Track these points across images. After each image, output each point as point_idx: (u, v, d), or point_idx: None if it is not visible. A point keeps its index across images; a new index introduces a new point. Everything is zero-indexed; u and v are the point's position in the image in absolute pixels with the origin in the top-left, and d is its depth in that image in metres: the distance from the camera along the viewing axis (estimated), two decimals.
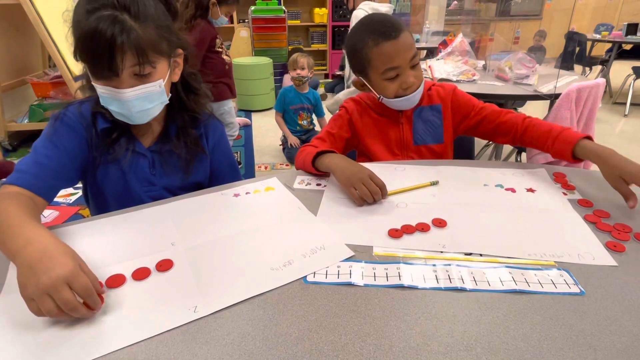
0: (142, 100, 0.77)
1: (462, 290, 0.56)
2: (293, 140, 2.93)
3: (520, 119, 1.01)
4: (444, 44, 2.75)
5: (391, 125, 1.09)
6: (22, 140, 3.13)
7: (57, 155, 0.79)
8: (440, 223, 0.72)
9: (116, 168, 0.86)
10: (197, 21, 2.20)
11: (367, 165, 0.89)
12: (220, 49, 2.33)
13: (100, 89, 0.76)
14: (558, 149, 0.89)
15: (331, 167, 0.88)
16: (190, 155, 0.90)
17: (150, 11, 0.74)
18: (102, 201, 0.90)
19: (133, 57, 0.72)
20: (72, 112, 0.83)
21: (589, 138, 0.86)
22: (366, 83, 1.03)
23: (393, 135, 1.09)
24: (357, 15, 2.17)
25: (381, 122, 1.09)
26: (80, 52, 0.72)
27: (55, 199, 2.56)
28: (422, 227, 0.71)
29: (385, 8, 2.34)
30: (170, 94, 0.85)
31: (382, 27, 0.95)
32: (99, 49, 0.69)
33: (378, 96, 1.03)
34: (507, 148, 2.47)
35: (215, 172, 0.98)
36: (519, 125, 1.00)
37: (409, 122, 1.08)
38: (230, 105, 2.47)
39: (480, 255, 0.64)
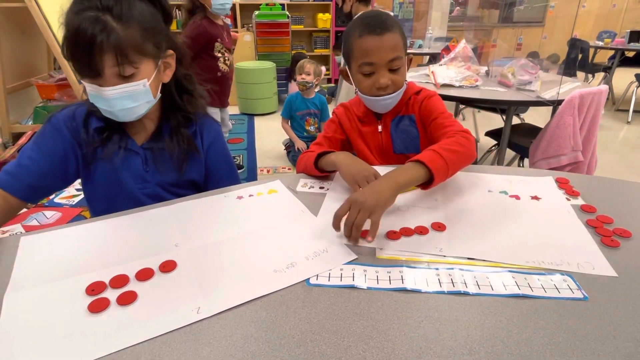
0: (126, 99, 0.78)
1: (465, 294, 0.56)
2: (300, 144, 2.93)
3: (451, 132, 0.90)
4: (447, 49, 2.76)
5: (371, 133, 1.09)
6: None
7: (38, 157, 0.83)
8: (439, 227, 0.72)
9: (109, 166, 0.87)
10: (196, 17, 2.15)
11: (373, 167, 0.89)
12: (218, 55, 2.26)
13: (87, 86, 0.78)
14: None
15: (337, 162, 0.88)
16: (184, 154, 0.91)
17: (135, 13, 0.76)
18: (98, 200, 0.92)
19: (112, 58, 0.73)
20: (63, 115, 0.86)
21: (423, 162, 0.77)
22: (349, 73, 1.04)
23: (372, 142, 1.09)
24: None
25: (363, 129, 1.10)
26: (65, 51, 0.74)
27: (58, 201, 2.56)
28: (421, 230, 0.71)
29: None
30: (160, 94, 0.86)
31: (371, 21, 0.95)
32: (80, 48, 0.72)
33: (355, 88, 1.03)
34: (509, 153, 2.46)
35: (211, 171, 0.98)
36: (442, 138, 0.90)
37: (387, 131, 1.08)
38: (213, 111, 2.42)
39: (484, 260, 0.64)
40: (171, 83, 0.89)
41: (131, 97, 0.79)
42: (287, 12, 4.61)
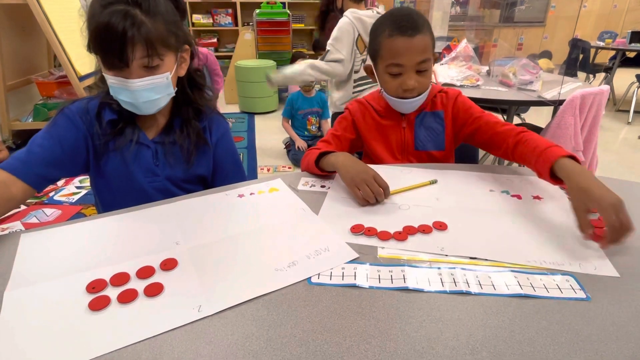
0: (149, 91, 0.81)
1: (467, 293, 0.56)
2: (300, 143, 2.93)
3: (514, 133, 0.92)
4: (448, 49, 2.75)
5: (393, 128, 1.09)
6: (26, 139, 3.14)
7: (50, 145, 0.84)
8: (441, 226, 0.72)
9: (120, 158, 0.88)
10: (331, 15, 2.35)
11: (374, 167, 0.89)
12: None
13: (111, 79, 0.80)
14: (539, 168, 0.81)
15: (336, 165, 0.88)
16: (193, 146, 0.93)
17: (160, 7, 0.79)
18: (107, 193, 0.93)
19: (142, 50, 0.76)
20: (76, 107, 0.88)
21: (574, 157, 0.76)
22: (374, 71, 1.03)
23: (394, 138, 1.09)
24: (342, 21, 1.99)
25: (383, 125, 1.09)
26: (94, 44, 0.77)
27: (58, 198, 2.55)
28: (424, 229, 0.71)
29: (370, 20, 2.29)
30: (176, 88, 0.88)
31: (402, 21, 0.93)
32: (111, 42, 0.74)
33: (380, 88, 1.03)
34: None
35: (218, 166, 1.00)
36: (511, 139, 0.92)
37: (411, 127, 1.08)
38: None
39: (486, 259, 0.63)
40: (184, 77, 0.91)
41: (154, 89, 0.82)
42: (288, 11, 4.61)
